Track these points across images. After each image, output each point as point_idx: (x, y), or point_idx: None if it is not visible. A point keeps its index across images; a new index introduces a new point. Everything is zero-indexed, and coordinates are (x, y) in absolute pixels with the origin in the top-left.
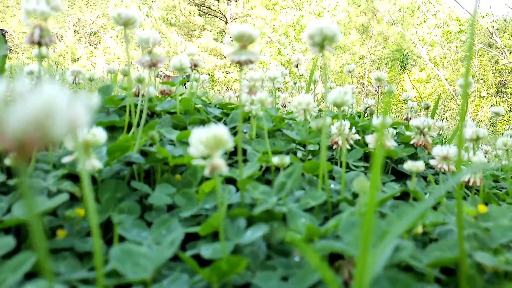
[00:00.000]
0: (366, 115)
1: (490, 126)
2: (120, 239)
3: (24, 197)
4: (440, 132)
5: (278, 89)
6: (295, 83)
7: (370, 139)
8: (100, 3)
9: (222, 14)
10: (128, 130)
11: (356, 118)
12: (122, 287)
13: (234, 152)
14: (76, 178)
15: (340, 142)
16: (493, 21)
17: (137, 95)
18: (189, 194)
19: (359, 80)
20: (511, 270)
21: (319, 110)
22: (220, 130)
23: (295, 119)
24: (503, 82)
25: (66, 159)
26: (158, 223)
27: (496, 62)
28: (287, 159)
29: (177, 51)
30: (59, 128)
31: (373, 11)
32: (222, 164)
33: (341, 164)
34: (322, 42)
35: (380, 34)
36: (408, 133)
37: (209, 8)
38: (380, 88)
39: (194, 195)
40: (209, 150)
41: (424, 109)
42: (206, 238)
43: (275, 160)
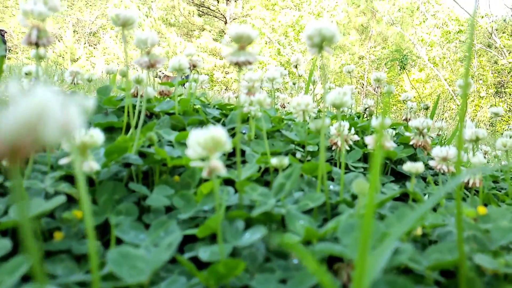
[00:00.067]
0: (365, 116)
1: (490, 126)
2: (118, 241)
3: (16, 201)
4: (440, 133)
5: (277, 89)
6: (294, 83)
7: (369, 140)
8: (100, 3)
9: (222, 14)
10: (127, 131)
11: (355, 118)
12: None
13: (233, 153)
14: (74, 179)
15: (339, 143)
16: (492, 21)
17: (135, 95)
18: (187, 196)
19: (359, 80)
20: (510, 272)
21: (319, 111)
22: (218, 132)
23: (294, 119)
24: (502, 82)
25: (63, 161)
26: (156, 225)
27: (496, 62)
28: (286, 160)
29: (176, 51)
30: (51, 132)
31: (372, 11)
32: (220, 166)
33: (340, 165)
34: (321, 43)
35: (379, 35)
36: (407, 133)
37: (208, 8)
38: (379, 88)
39: (193, 196)
40: (207, 152)
41: (424, 109)
42: (204, 240)
43: (274, 161)
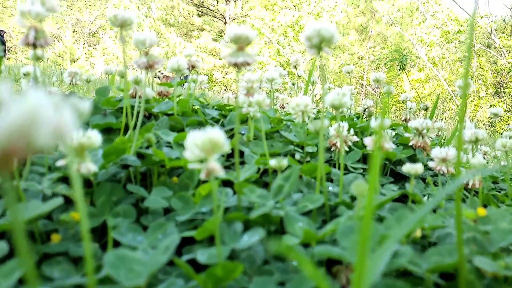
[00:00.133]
0: (364, 116)
1: (489, 126)
2: (116, 243)
3: (9, 205)
4: (439, 133)
5: (276, 90)
6: (294, 84)
7: (368, 141)
8: (99, 4)
9: (221, 14)
10: (125, 132)
11: (354, 119)
12: None
13: (231, 154)
14: (72, 181)
15: (338, 144)
16: (491, 21)
17: (134, 96)
18: (185, 198)
19: (358, 81)
20: (510, 275)
21: (318, 111)
22: (216, 134)
23: (293, 120)
24: (501, 82)
25: (60, 162)
26: (154, 227)
27: (495, 63)
28: (284, 162)
29: (175, 51)
30: (44, 136)
31: (372, 11)
32: (218, 167)
33: (339, 166)
34: (319, 44)
35: (379, 35)
36: (406, 134)
37: (208, 8)
38: (378, 89)
39: (191, 198)
40: (205, 154)
41: (423, 110)
42: (202, 242)
43: (273, 162)
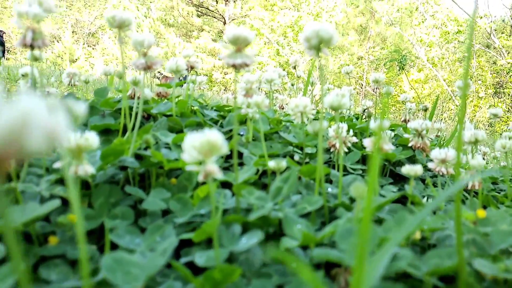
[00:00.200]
0: (364, 117)
1: (489, 126)
2: (114, 245)
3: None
4: (439, 134)
5: (276, 90)
6: (293, 84)
7: (367, 142)
8: (98, 4)
9: (221, 15)
10: (124, 133)
11: (354, 120)
12: None
13: (230, 156)
14: None
15: (337, 145)
16: (491, 21)
17: (132, 97)
18: (184, 199)
19: (357, 81)
20: (510, 278)
21: (317, 112)
22: (214, 136)
23: (292, 121)
24: (501, 83)
25: (58, 164)
26: (152, 229)
27: (494, 63)
28: (283, 163)
29: (175, 51)
30: (36, 141)
31: (371, 11)
32: (216, 170)
33: (338, 167)
34: (318, 45)
35: (378, 35)
36: (406, 135)
37: (207, 9)
38: (378, 89)
39: (189, 200)
40: (203, 156)
41: (422, 110)
42: (200, 244)
43: (272, 164)
